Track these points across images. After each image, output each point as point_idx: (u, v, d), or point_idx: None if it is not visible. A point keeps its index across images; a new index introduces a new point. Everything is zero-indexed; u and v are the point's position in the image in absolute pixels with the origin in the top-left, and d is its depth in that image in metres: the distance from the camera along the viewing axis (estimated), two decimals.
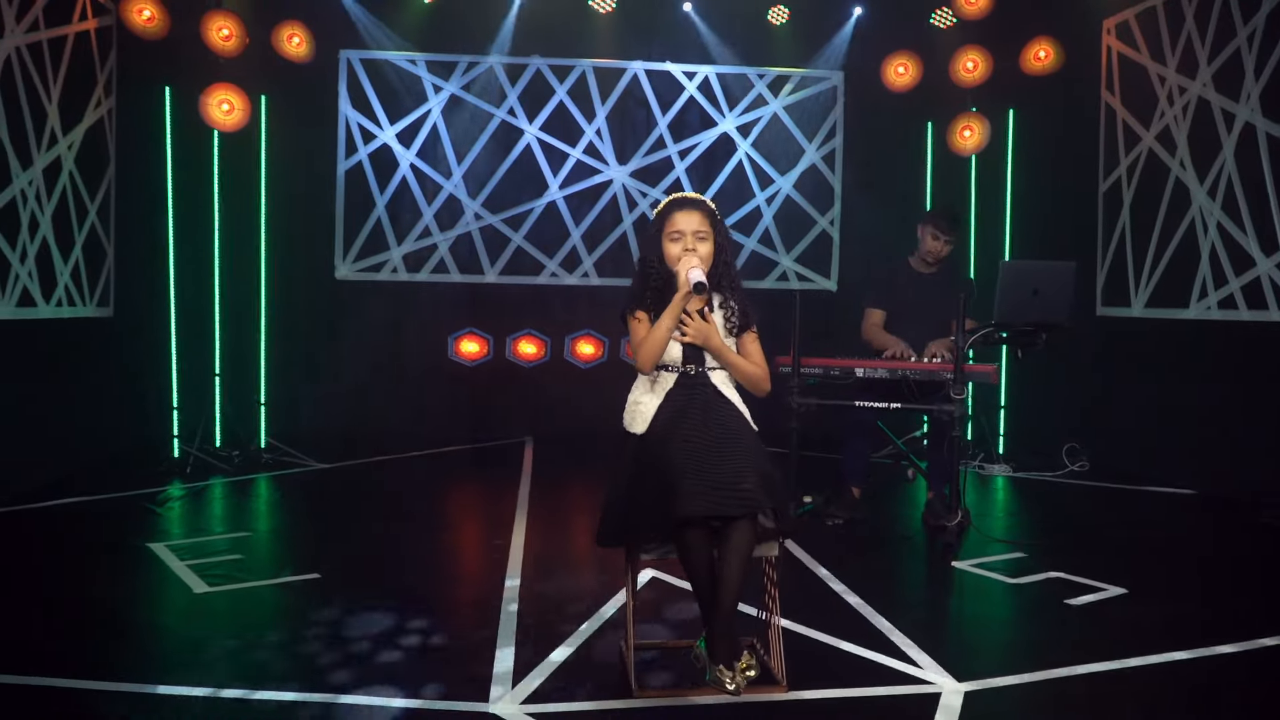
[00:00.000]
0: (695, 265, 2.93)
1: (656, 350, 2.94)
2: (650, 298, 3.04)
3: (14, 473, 5.23)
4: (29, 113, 5.20)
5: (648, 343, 2.94)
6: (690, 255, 2.98)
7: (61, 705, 2.75)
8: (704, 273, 2.92)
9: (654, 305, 3.02)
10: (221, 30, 6.36)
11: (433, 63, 7.44)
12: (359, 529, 4.93)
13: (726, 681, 2.64)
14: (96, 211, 6.09)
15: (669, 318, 2.91)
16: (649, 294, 3.04)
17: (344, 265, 7.43)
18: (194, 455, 6.35)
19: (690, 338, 2.94)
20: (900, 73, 7.20)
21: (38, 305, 5.35)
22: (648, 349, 2.94)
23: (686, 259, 2.97)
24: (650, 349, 2.94)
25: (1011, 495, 6.00)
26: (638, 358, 2.98)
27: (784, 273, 7.78)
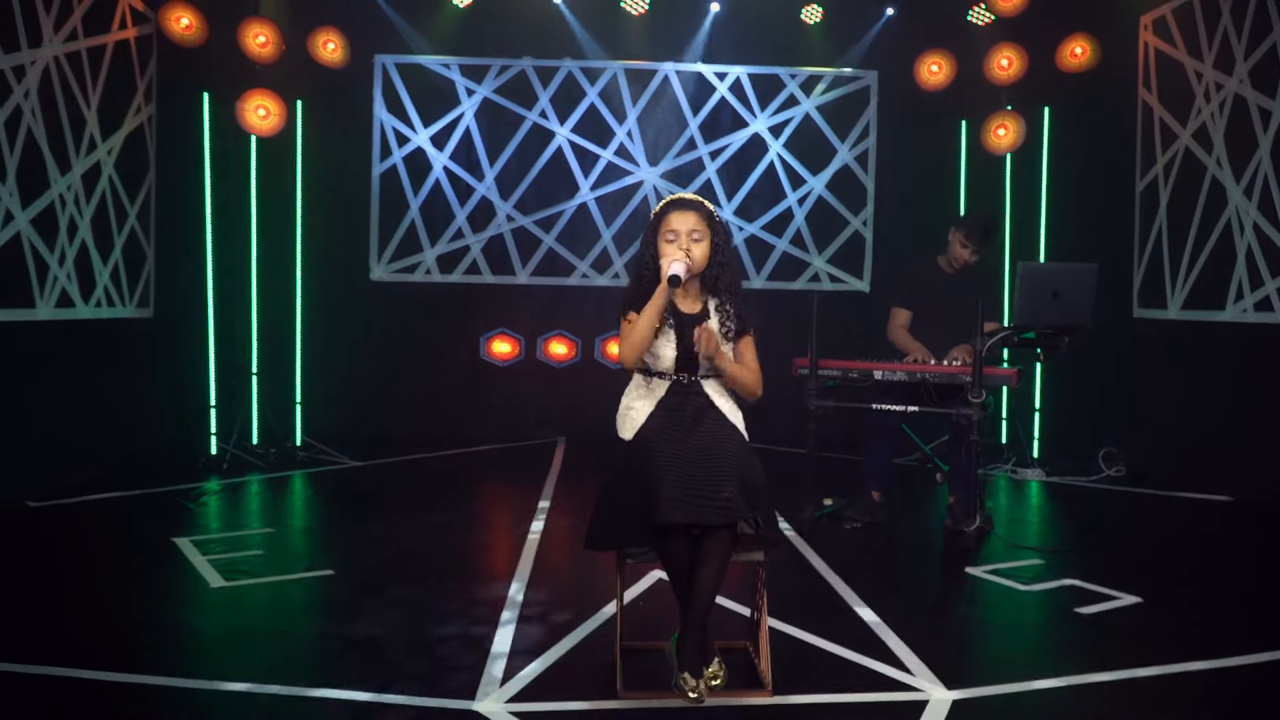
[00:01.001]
0: (678, 259, 2.93)
1: (639, 343, 2.94)
2: (644, 299, 3.05)
3: (56, 468, 5.41)
4: (67, 120, 5.37)
5: (631, 336, 2.95)
6: (675, 249, 2.98)
7: (58, 694, 2.84)
8: (686, 269, 2.92)
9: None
10: (258, 37, 6.51)
11: (465, 66, 7.52)
12: (380, 526, 5.02)
13: (688, 690, 2.65)
14: (136, 215, 6.26)
15: (651, 311, 2.92)
16: (643, 295, 3.05)
17: (379, 266, 7.55)
18: (231, 452, 6.51)
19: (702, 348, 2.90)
20: (933, 71, 7.11)
21: (76, 306, 5.52)
22: (630, 342, 2.95)
23: (671, 252, 2.97)
24: (633, 341, 2.95)
25: (1042, 500, 5.90)
26: (621, 351, 3.00)
27: (816, 274, 7.73)
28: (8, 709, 2.75)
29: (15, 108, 4.86)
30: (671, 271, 2.87)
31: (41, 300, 5.17)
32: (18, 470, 5.09)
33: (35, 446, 5.24)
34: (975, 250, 5.18)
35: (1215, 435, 5.85)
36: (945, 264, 5.32)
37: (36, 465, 5.25)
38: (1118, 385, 6.75)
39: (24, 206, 4.98)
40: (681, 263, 2.91)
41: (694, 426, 2.92)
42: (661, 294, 2.91)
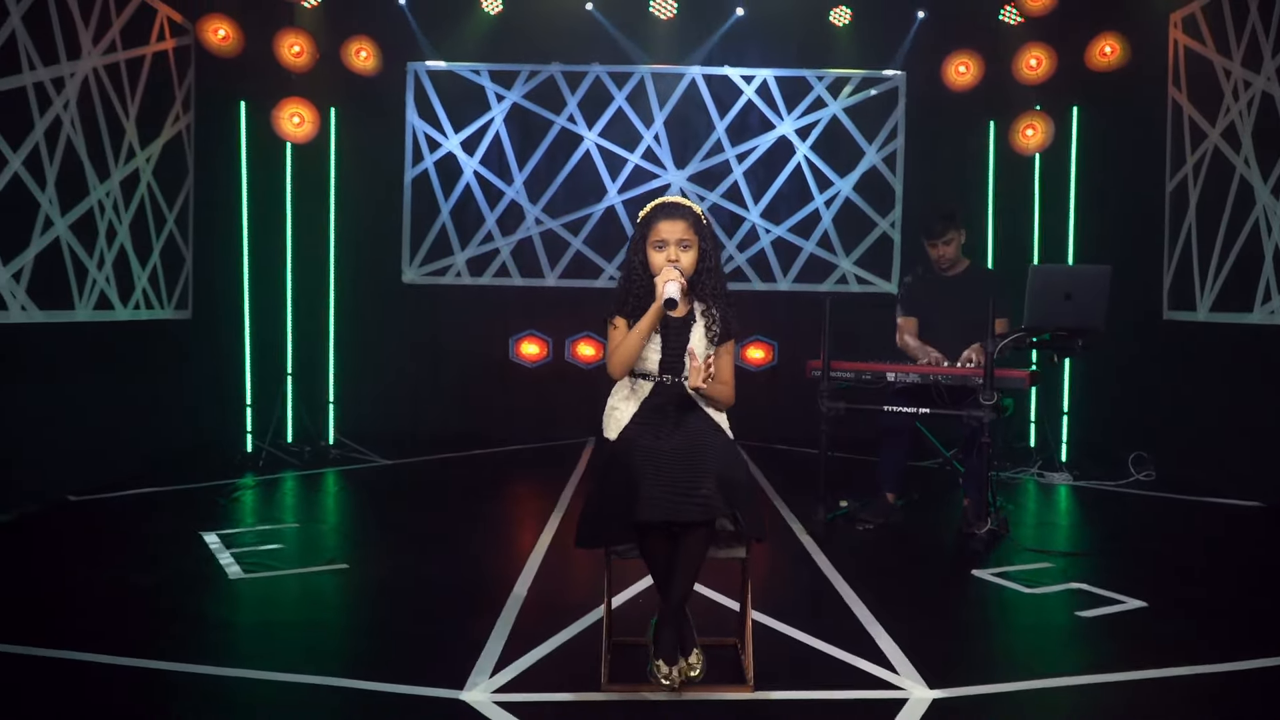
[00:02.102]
0: (673, 279, 2.97)
1: (628, 357, 3.01)
2: (631, 304, 3.11)
3: (98, 464, 5.63)
4: (106, 129, 5.58)
5: (620, 350, 3.02)
6: (670, 268, 3.02)
7: (68, 677, 2.98)
8: (681, 288, 2.96)
9: (634, 313, 3.09)
10: (293, 47, 6.69)
11: (495, 72, 7.65)
12: (402, 522, 5.15)
13: (662, 677, 2.72)
14: (175, 220, 6.48)
15: (643, 328, 2.98)
16: (630, 300, 3.11)
17: (410, 269, 7.71)
18: (266, 450, 6.70)
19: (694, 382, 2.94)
20: (961, 72, 7.08)
21: (115, 308, 5.73)
22: (620, 356, 3.02)
23: (666, 271, 3.01)
24: (622, 356, 3.02)
25: (1066, 504, 5.85)
26: (610, 363, 3.07)
27: (843, 275, 7.73)
28: (26, 691, 2.90)
29: (55, 118, 5.07)
30: (668, 295, 2.91)
31: (80, 302, 5.38)
32: (60, 465, 5.31)
33: (77, 443, 5.46)
34: (944, 240, 5.20)
35: (1246, 439, 5.75)
36: (940, 270, 5.34)
37: (79, 461, 5.46)
38: (1148, 388, 6.65)
39: (63, 213, 5.19)
40: (676, 283, 2.95)
41: (676, 426, 2.98)
42: (655, 313, 2.96)
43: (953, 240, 5.27)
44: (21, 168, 4.79)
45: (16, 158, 4.75)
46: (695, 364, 2.90)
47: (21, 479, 4.99)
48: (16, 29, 4.70)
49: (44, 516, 4.99)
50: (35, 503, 5.05)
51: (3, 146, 4.67)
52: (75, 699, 2.84)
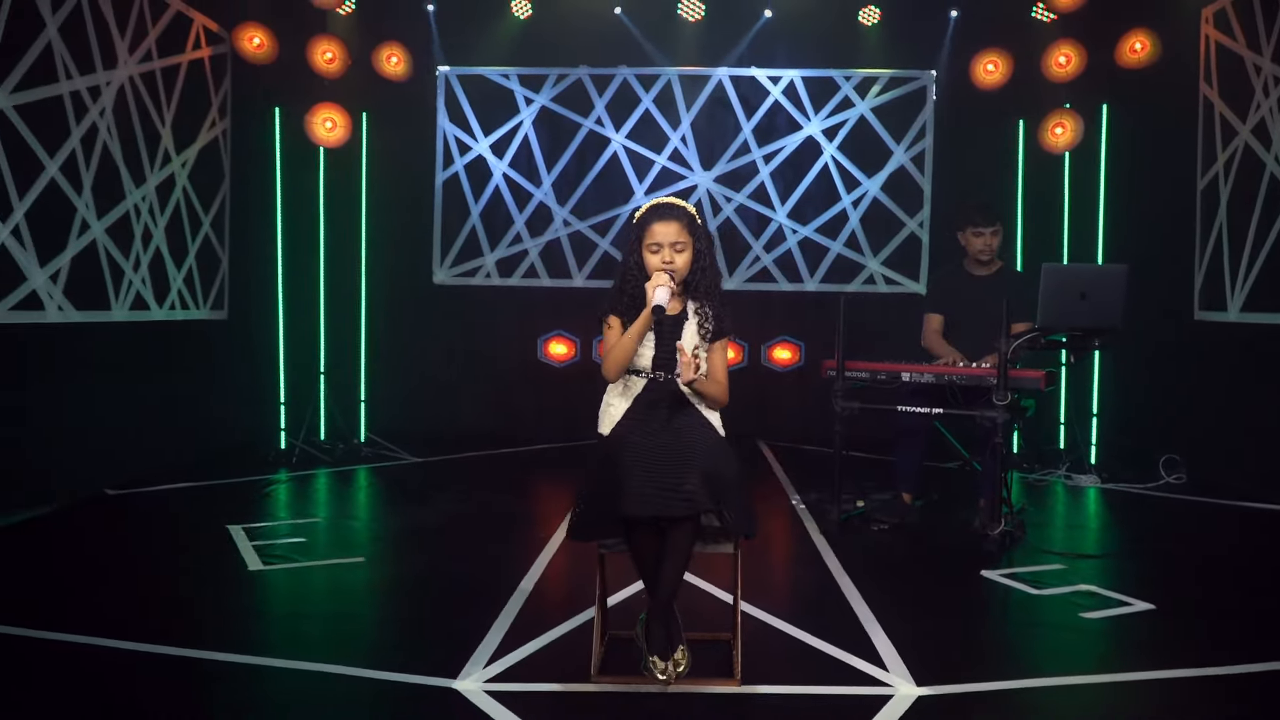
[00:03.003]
0: (664, 284, 3.00)
1: (621, 360, 3.06)
2: (625, 303, 3.15)
3: (136, 459, 5.83)
4: (142, 135, 5.76)
5: (614, 353, 3.07)
6: (661, 274, 3.05)
7: (78, 660, 3.11)
8: (671, 292, 3.00)
9: (628, 312, 3.13)
10: (325, 53, 6.85)
11: (524, 76, 7.75)
12: (422, 518, 5.25)
13: (658, 672, 2.77)
14: (211, 223, 6.66)
15: (635, 332, 3.01)
16: (625, 300, 3.16)
17: (441, 270, 7.84)
18: (300, 447, 6.87)
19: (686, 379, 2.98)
20: (990, 70, 7.04)
21: (150, 309, 5.92)
22: (613, 359, 3.07)
23: (657, 276, 3.03)
24: (615, 359, 3.06)
25: (1092, 507, 5.79)
26: (604, 365, 3.12)
27: (871, 275, 7.71)
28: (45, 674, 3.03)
29: (91, 125, 5.25)
30: (656, 300, 2.94)
31: (117, 303, 5.57)
32: (99, 460, 5.51)
33: (116, 438, 5.66)
34: (992, 231, 5.16)
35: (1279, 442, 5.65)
36: (972, 265, 5.30)
37: (117, 456, 5.67)
38: (1179, 390, 6.55)
39: (99, 216, 5.37)
40: (666, 288, 2.98)
41: (667, 423, 3.02)
42: (645, 319, 3.00)
43: (998, 232, 5.24)
44: (58, 173, 4.98)
45: (53, 164, 4.94)
46: (685, 359, 2.94)
47: (61, 473, 5.19)
48: (53, 39, 4.89)
49: (81, 509, 5.16)
50: (74, 496, 5.24)
51: (40, 153, 4.85)
52: (81, 683, 2.96)
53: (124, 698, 2.87)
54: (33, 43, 4.75)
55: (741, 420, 7.73)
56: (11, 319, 4.69)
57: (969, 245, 5.25)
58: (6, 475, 4.77)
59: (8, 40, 4.57)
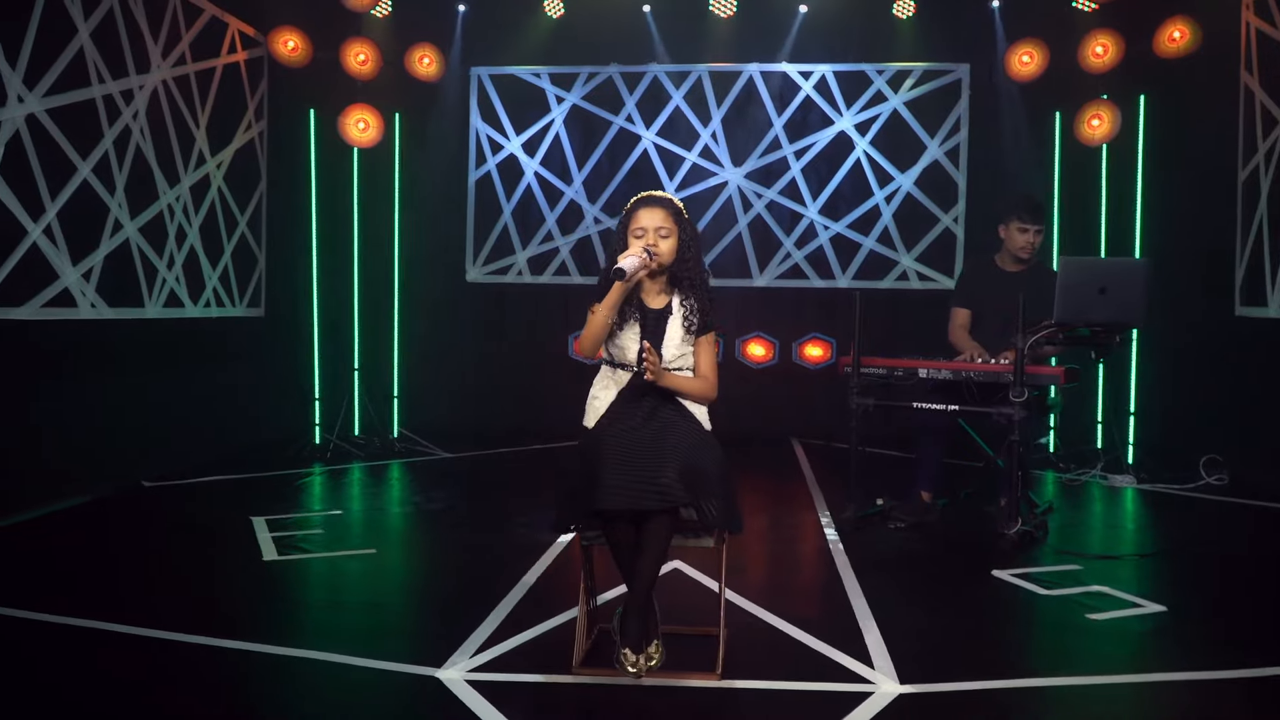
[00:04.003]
0: (634, 253, 3.03)
1: (593, 337, 3.09)
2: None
3: (173, 453, 6.01)
4: (176, 138, 5.92)
5: (586, 329, 3.11)
6: (635, 243, 3.08)
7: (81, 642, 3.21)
8: (638, 264, 3.01)
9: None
10: (358, 55, 6.97)
11: (555, 75, 7.80)
12: (443, 512, 5.31)
13: (629, 665, 2.77)
14: (247, 223, 6.83)
15: (604, 309, 3.04)
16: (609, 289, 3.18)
17: (474, 268, 7.92)
18: (334, 442, 7.00)
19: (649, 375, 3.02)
20: (1025, 62, 6.90)
21: (185, 306, 6.08)
22: (586, 335, 3.11)
23: (632, 247, 3.08)
24: (587, 335, 3.10)
25: (1122, 507, 5.66)
26: (580, 343, 3.16)
27: (904, 272, 7.61)
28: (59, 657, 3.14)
29: (124, 128, 5.41)
30: (617, 265, 2.97)
31: (150, 300, 5.73)
32: (137, 453, 5.69)
33: (154, 433, 5.84)
34: (1037, 229, 5.06)
35: None
36: (1004, 260, 5.20)
37: (155, 450, 5.84)
38: (1220, 388, 6.35)
39: (132, 216, 5.53)
40: (635, 257, 3.01)
41: (650, 417, 3.03)
42: (616, 292, 3.03)
43: (1042, 231, 5.13)
44: (91, 174, 5.14)
45: (85, 165, 5.10)
46: (649, 357, 2.96)
47: (99, 465, 5.36)
48: (84, 45, 5.05)
49: (117, 500, 5.33)
50: (111, 487, 5.41)
51: (72, 155, 5.01)
52: (81, 665, 3.06)
53: (104, 676, 2.96)
54: (64, 48, 4.91)
55: (774, 419, 7.77)
56: (43, 315, 4.86)
57: (1010, 240, 5.12)
58: (45, 467, 4.95)
59: (39, 46, 4.73)
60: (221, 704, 2.82)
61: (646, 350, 2.98)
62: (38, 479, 4.93)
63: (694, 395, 3.15)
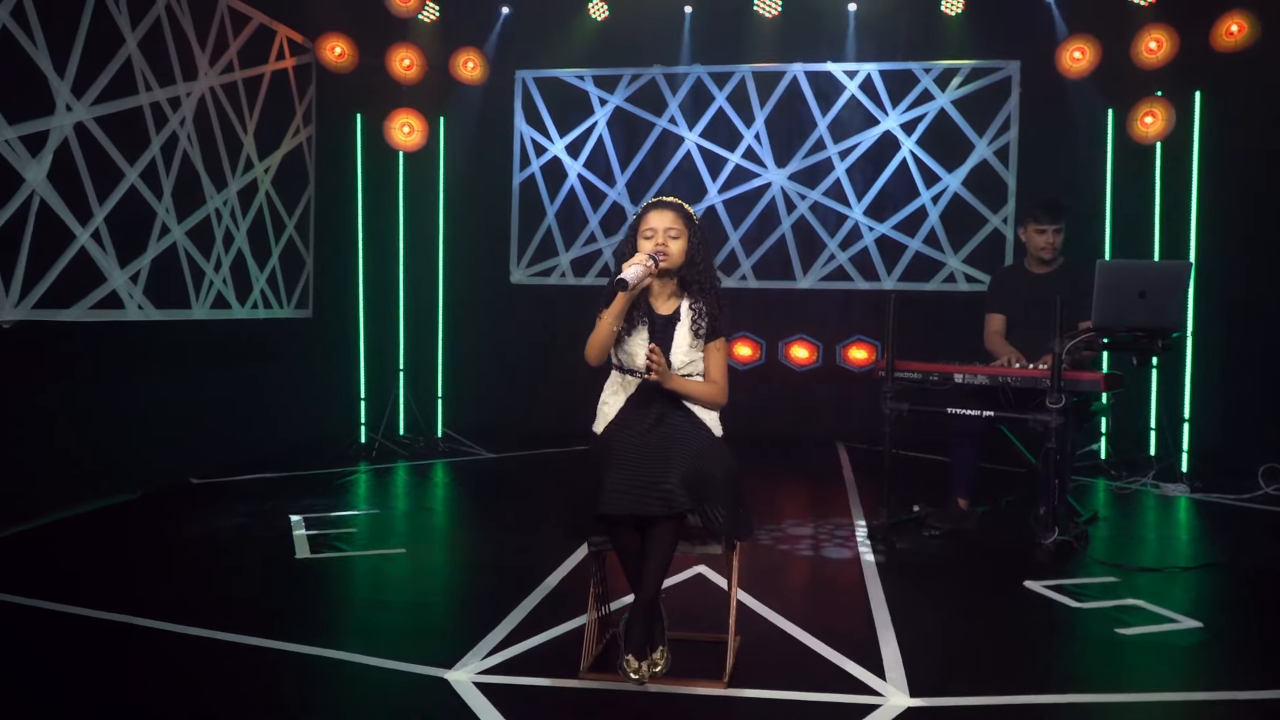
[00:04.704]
0: (639, 262, 3.02)
1: (599, 344, 3.10)
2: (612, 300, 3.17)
3: (222, 451, 6.15)
4: (223, 143, 6.07)
5: (593, 336, 3.12)
6: (644, 245, 3.07)
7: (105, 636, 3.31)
8: (642, 273, 3.00)
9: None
10: (403, 60, 7.06)
11: (599, 77, 7.82)
12: (477, 512, 5.37)
13: (631, 671, 2.76)
14: (295, 225, 6.96)
15: (609, 317, 3.04)
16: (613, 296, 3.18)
17: (518, 270, 7.98)
18: (379, 441, 7.10)
19: (654, 376, 3.02)
20: (1076, 58, 6.72)
21: (231, 308, 6.22)
22: (591, 341, 3.13)
23: (639, 254, 3.07)
24: (593, 342, 3.12)
25: (1173, 518, 5.49)
26: (586, 350, 3.16)
27: (951, 274, 7.48)
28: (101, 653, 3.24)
29: (171, 134, 5.56)
30: (620, 276, 2.96)
31: (197, 302, 5.88)
32: (186, 451, 5.85)
33: (203, 432, 5.99)
34: (1056, 229, 4.95)
35: None
36: (1032, 263, 5.10)
37: (204, 447, 6.00)
38: None
39: (179, 220, 5.68)
40: (639, 265, 3.00)
41: (658, 423, 3.03)
42: (620, 301, 3.02)
43: (1061, 230, 5.04)
44: (138, 179, 5.29)
45: (133, 171, 5.25)
46: (655, 360, 2.95)
47: (149, 463, 5.51)
48: (132, 54, 5.19)
49: (164, 496, 5.47)
50: (160, 484, 5.55)
51: (120, 161, 5.16)
52: (94, 658, 3.15)
53: (122, 670, 3.04)
54: (112, 57, 5.06)
55: (818, 422, 7.68)
56: (91, 317, 5.01)
57: (1030, 242, 5.06)
58: (97, 463, 5.10)
59: (87, 55, 4.88)
60: (225, 697, 2.88)
61: (652, 351, 2.97)
62: (88, 476, 5.08)
63: (703, 399, 3.14)
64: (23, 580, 3.83)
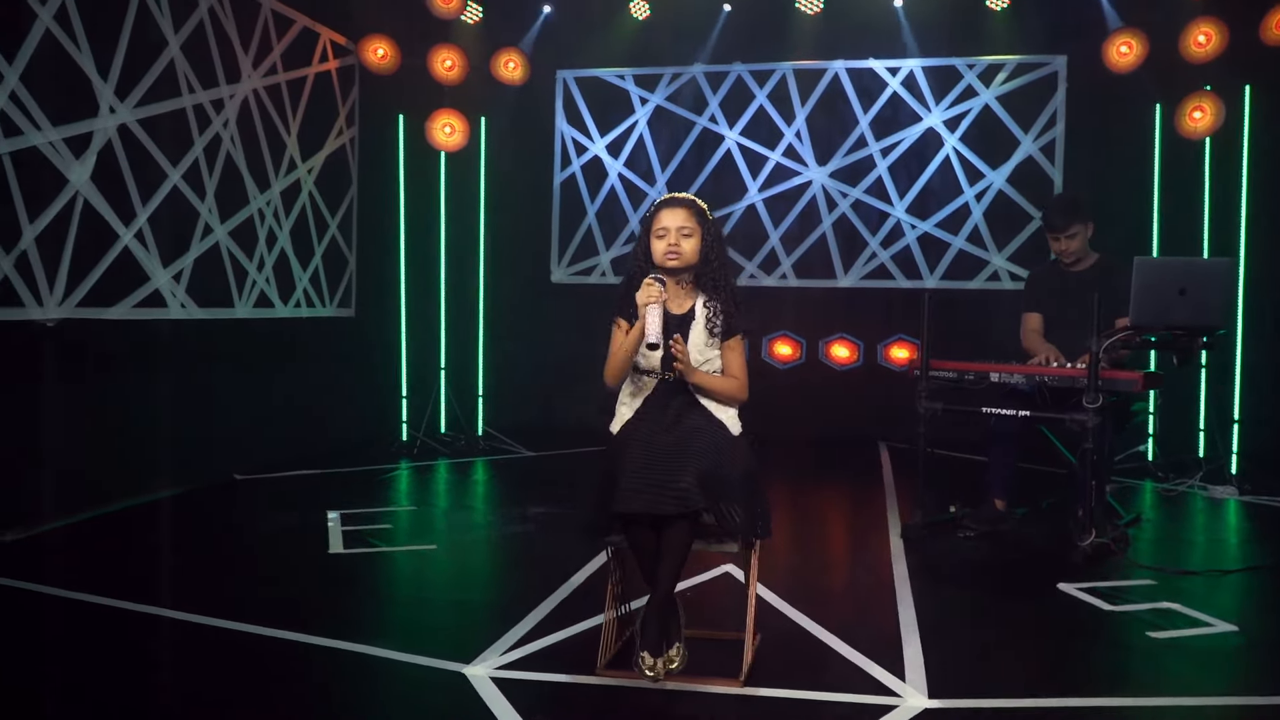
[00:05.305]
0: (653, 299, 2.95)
1: (617, 370, 3.12)
2: (634, 301, 3.17)
3: (267, 448, 6.26)
4: (266, 144, 6.18)
5: (611, 362, 3.14)
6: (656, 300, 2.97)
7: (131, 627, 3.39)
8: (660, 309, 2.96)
9: (635, 312, 3.14)
10: (445, 62, 7.13)
11: (639, 76, 7.83)
12: (512, 509, 5.39)
13: (645, 668, 2.76)
14: (338, 225, 7.07)
15: (630, 345, 3.05)
16: (633, 298, 3.17)
17: (558, 269, 8.02)
18: (420, 439, 7.18)
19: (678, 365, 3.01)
20: (1123, 52, 6.58)
21: (274, 306, 6.33)
22: (611, 367, 3.14)
23: (653, 306, 2.95)
24: (612, 368, 3.14)
25: (1219, 520, 5.36)
26: (605, 371, 3.17)
27: (995, 272, 7.37)
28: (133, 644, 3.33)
29: (214, 136, 5.68)
30: (651, 340, 2.94)
31: (240, 301, 5.99)
32: (230, 448, 5.96)
33: (247, 429, 6.09)
34: (1068, 235, 4.88)
35: None
36: (1064, 264, 5.02)
37: (248, 444, 6.10)
38: None
39: (222, 220, 5.80)
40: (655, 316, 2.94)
41: (674, 423, 3.02)
42: (638, 338, 3.00)
43: (1076, 234, 4.95)
44: (181, 180, 5.41)
45: (176, 172, 5.37)
46: (678, 347, 2.95)
47: (192, 458, 5.61)
48: (175, 57, 5.31)
49: (206, 491, 5.59)
50: (203, 480, 5.67)
51: (163, 162, 5.28)
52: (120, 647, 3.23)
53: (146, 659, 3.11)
54: (155, 60, 5.18)
55: (860, 421, 7.61)
56: (134, 315, 5.13)
57: (1053, 248, 5.00)
58: (140, 459, 5.21)
59: (130, 59, 5.00)
60: (241, 687, 2.93)
61: (675, 342, 2.97)
62: (130, 471, 5.19)
63: (725, 394, 3.12)
64: (61, 573, 3.93)
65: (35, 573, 3.88)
